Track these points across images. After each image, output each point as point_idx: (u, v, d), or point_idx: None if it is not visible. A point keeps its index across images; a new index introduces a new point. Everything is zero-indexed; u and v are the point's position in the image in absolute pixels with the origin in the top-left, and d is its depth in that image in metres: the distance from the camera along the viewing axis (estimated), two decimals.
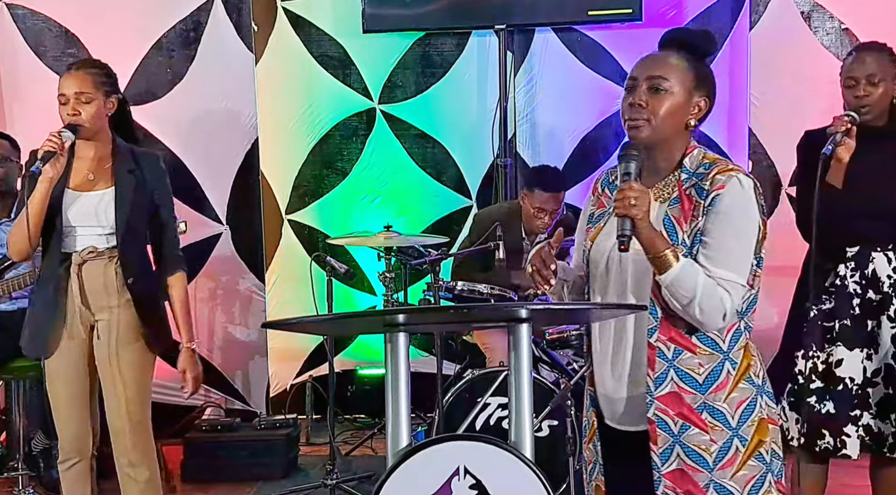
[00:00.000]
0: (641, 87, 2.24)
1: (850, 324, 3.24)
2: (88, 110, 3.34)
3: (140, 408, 3.44)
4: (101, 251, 3.38)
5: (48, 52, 5.48)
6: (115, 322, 3.39)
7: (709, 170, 2.24)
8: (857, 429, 3.22)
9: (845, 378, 3.23)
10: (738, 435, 2.22)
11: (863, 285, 3.25)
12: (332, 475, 4.42)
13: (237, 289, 5.65)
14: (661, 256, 2.13)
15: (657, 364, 2.20)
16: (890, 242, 3.25)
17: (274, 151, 5.64)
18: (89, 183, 3.40)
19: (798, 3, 5.28)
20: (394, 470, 1.84)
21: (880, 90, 3.20)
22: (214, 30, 5.49)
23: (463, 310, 2.07)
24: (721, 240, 2.18)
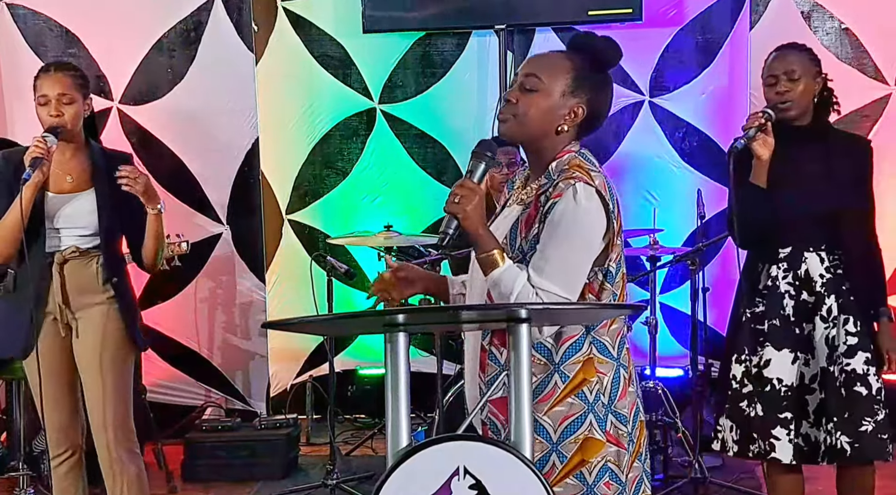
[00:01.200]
0: (517, 83, 2.21)
1: (780, 325, 3.17)
2: (70, 112, 3.36)
3: (122, 406, 3.45)
4: (83, 250, 3.41)
5: (49, 51, 5.48)
6: (95, 320, 3.42)
7: (558, 176, 2.17)
8: (789, 433, 3.14)
9: (773, 379, 3.15)
10: (557, 451, 2.14)
11: (796, 286, 3.18)
12: (333, 475, 4.42)
13: (237, 289, 5.65)
14: (486, 255, 2.12)
15: (488, 367, 2.18)
16: (822, 242, 3.18)
17: (274, 151, 5.64)
18: (68, 184, 3.44)
19: (798, 3, 5.28)
20: (394, 470, 1.84)
21: (800, 87, 3.16)
22: (215, 30, 5.49)
23: (462, 309, 2.07)
24: (549, 249, 2.12)
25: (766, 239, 3.20)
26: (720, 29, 5.43)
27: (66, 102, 3.35)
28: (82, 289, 3.42)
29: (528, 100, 2.19)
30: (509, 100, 2.21)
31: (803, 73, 3.18)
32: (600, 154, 5.53)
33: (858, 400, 3.12)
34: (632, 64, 5.50)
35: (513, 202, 2.29)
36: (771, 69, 3.22)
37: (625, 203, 5.86)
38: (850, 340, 3.16)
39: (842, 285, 3.19)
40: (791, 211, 3.15)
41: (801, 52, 3.25)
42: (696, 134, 5.51)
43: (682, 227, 5.37)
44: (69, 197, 3.42)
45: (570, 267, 2.14)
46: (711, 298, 4.83)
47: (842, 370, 3.14)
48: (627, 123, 5.54)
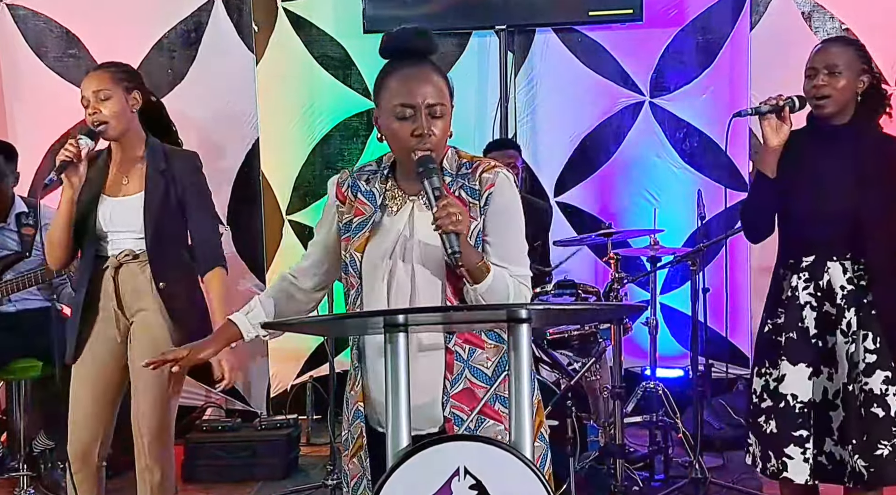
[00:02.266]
0: (422, 115, 2.18)
1: (797, 338, 3.00)
2: (108, 107, 3.25)
3: (161, 414, 3.35)
4: (137, 254, 3.32)
5: (49, 52, 5.49)
6: (147, 325, 3.33)
7: (471, 169, 2.24)
8: (805, 452, 2.98)
9: (787, 395, 3.00)
10: None
11: (817, 297, 3.00)
12: (333, 475, 4.42)
13: (238, 290, 5.64)
14: (481, 264, 2.12)
15: (455, 367, 2.18)
16: (847, 251, 2.98)
17: (275, 151, 5.64)
18: (123, 187, 3.33)
19: (799, 4, 5.28)
20: (394, 471, 1.84)
21: (841, 83, 2.95)
22: (215, 30, 5.49)
23: (463, 310, 2.07)
24: (507, 238, 2.22)
25: (790, 244, 3.05)
26: (721, 29, 5.43)
27: (102, 98, 3.24)
28: (136, 294, 3.32)
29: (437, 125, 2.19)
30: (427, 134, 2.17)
31: (846, 67, 2.96)
32: (601, 154, 5.59)
33: (875, 423, 2.95)
34: (632, 64, 5.51)
35: (412, 206, 2.25)
36: (812, 61, 3.00)
37: (625, 203, 5.93)
38: (869, 358, 2.97)
39: (863, 298, 2.99)
40: (814, 213, 2.99)
41: (846, 46, 3.04)
42: (697, 134, 5.51)
43: (683, 228, 5.37)
44: (122, 200, 3.32)
45: (522, 246, 2.26)
46: (712, 299, 4.83)
47: (861, 389, 2.97)
48: (628, 124, 5.55)
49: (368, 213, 2.27)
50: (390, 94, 2.22)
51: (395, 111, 2.19)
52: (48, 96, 5.48)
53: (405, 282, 2.20)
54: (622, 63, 5.50)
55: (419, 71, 2.22)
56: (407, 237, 2.22)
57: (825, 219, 2.99)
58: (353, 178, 2.34)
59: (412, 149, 2.18)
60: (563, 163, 5.56)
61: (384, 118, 2.24)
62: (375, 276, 2.22)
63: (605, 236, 4.75)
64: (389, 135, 2.24)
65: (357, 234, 2.26)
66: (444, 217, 2.06)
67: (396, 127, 2.20)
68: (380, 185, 2.30)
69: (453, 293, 2.19)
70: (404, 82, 2.21)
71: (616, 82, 5.52)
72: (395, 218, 2.26)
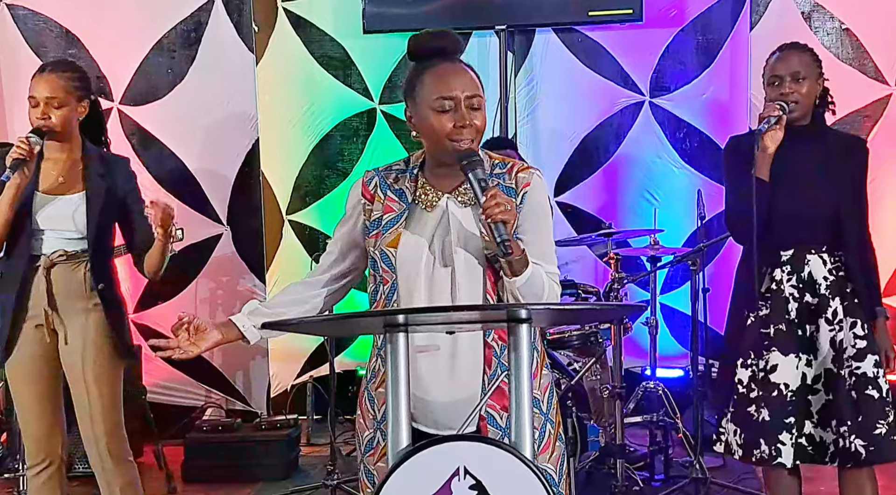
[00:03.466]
0: (463, 107, 2.20)
1: (786, 329, 3.14)
2: (58, 115, 3.30)
3: (113, 414, 3.38)
4: (70, 254, 3.34)
5: (49, 52, 5.48)
6: (84, 327, 3.34)
7: (506, 169, 2.28)
8: (793, 437, 3.11)
9: (780, 384, 3.12)
10: (549, 419, 2.28)
11: (799, 289, 3.15)
12: (333, 475, 4.42)
13: (238, 290, 5.65)
14: (521, 257, 2.13)
15: (493, 362, 2.20)
16: (824, 244, 3.16)
17: (275, 152, 5.64)
18: (60, 186, 3.36)
19: (798, 4, 5.28)
20: (394, 471, 1.84)
21: (805, 88, 3.14)
22: (215, 30, 5.49)
23: (463, 310, 2.07)
24: (541, 236, 2.25)
25: (767, 240, 3.15)
26: (720, 29, 5.43)
27: (55, 106, 3.29)
28: (70, 294, 3.33)
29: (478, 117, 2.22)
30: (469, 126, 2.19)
31: (808, 73, 3.16)
32: (601, 154, 5.59)
33: (870, 404, 3.10)
34: (632, 64, 5.51)
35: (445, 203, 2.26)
36: (774, 69, 3.19)
37: (625, 203, 5.93)
38: (859, 343, 3.13)
39: (846, 287, 3.17)
40: (792, 210, 3.14)
41: (804, 53, 3.23)
42: (697, 134, 5.51)
43: (683, 228, 5.37)
44: (59, 199, 3.34)
45: (553, 245, 2.31)
46: (712, 299, 4.82)
47: (851, 373, 3.12)
48: (628, 124, 5.55)
49: (399, 210, 2.28)
50: (428, 89, 2.23)
51: (434, 104, 2.21)
52: None
53: (444, 278, 2.21)
54: (622, 63, 5.50)
55: (454, 65, 2.27)
56: (444, 232, 2.23)
57: (802, 216, 3.16)
58: (380, 177, 2.35)
59: (453, 141, 2.19)
60: (563, 163, 5.56)
61: (422, 113, 2.24)
62: (412, 272, 2.22)
63: (606, 236, 4.75)
64: (428, 130, 2.23)
65: (388, 230, 2.27)
66: (492, 206, 2.07)
67: (437, 120, 2.21)
68: (409, 184, 2.30)
69: (493, 287, 2.20)
70: (442, 76, 2.23)
71: (616, 82, 5.52)
72: (429, 214, 2.26)
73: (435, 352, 2.21)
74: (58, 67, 3.41)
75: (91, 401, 3.34)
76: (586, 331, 4.43)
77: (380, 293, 2.27)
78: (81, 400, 3.36)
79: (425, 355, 2.21)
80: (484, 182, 2.13)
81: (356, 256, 2.37)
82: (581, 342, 4.45)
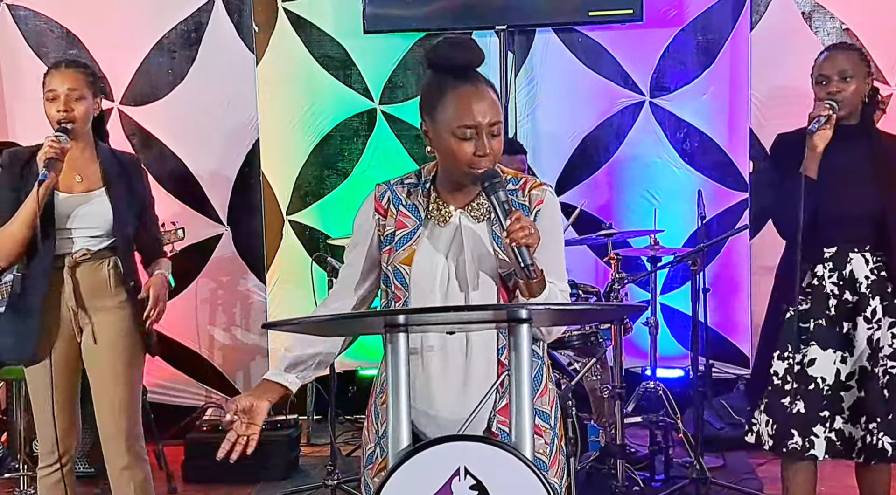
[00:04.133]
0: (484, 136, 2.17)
1: (825, 325, 3.20)
2: (80, 108, 3.30)
3: (133, 412, 3.40)
4: (94, 252, 3.35)
5: (49, 52, 5.48)
6: (109, 324, 3.36)
7: (519, 185, 2.26)
8: (825, 431, 3.18)
9: (817, 378, 3.19)
10: (556, 433, 2.28)
11: (840, 286, 3.21)
12: (334, 475, 4.42)
13: (238, 290, 5.65)
14: (540, 279, 2.12)
15: (506, 381, 2.14)
16: (868, 243, 3.21)
17: (275, 152, 5.64)
18: (79, 185, 3.36)
19: (799, 4, 5.28)
20: (394, 471, 1.84)
21: (852, 87, 3.18)
22: (215, 30, 5.49)
23: (463, 310, 2.07)
24: (553, 253, 2.23)
25: (811, 236, 3.18)
26: (721, 29, 5.43)
27: (75, 98, 3.29)
28: (95, 292, 3.35)
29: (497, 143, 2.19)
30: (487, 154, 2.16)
31: (855, 72, 3.19)
32: (601, 154, 5.59)
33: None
34: (632, 64, 5.50)
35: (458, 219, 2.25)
36: (822, 69, 3.23)
37: (625, 203, 5.92)
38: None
39: (886, 287, 3.21)
40: (837, 209, 3.17)
41: (851, 52, 3.26)
42: (697, 134, 5.51)
43: (683, 228, 5.37)
44: (81, 197, 3.35)
45: (564, 262, 2.30)
46: (712, 299, 4.83)
47: (886, 371, 3.18)
48: (628, 124, 5.55)
49: (412, 226, 2.26)
50: (450, 114, 2.19)
51: (457, 132, 2.17)
52: None
53: (458, 296, 2.21)
54: (622, 63, 5.50)
55: (476, 89, 2.20)
56: (458, 249, 2.22)
57: (846, 215, 3.20)
58: (392, 191, 2.32)
59: (472, 166, 2.18)
60: (563, 164, 5.56)
61: (442, 136, 2.21)
62: (427, 290, 2.21)
63: (606, 236, 4.75)
64: (447, 153, 2.21)
65: (401, 247, 2.25)
66: (517, 230, 2.06)
67: (457, 146, 2.18)
68: (422, 199, 2.28)
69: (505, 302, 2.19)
70: (465, 102, 2.18)
71: (616, 82, 5.52)
72: (442, 230, 2.25)
73: (448, 372, 2.20)
74: (74, 64, 3.43)
75: (113, 398, 3.35)
76: (587, 332, 4.43)
77: None
78: (103, 397, 3.37)
79: (438, 376, 2.21)
80: (507, 205, 2.12)
81: (377, 275, 2.34)
82: (581, 342, 4.45)
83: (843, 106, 3.17)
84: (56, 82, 3.30)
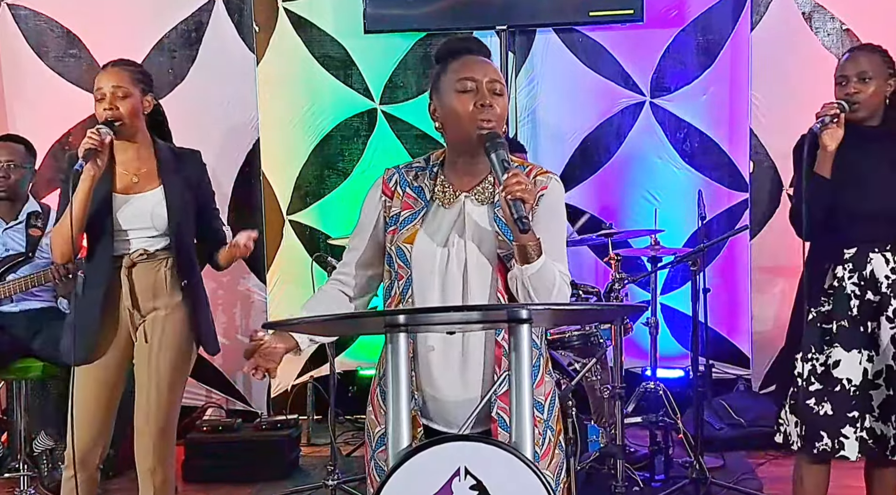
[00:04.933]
0: (485, 88, 2.23)
1: (848, 326, 3.20)
2: (125, 106, 3.29)
3: (169, 413, 3.39)
4: (151, 253, 3.35)
5: (50, 52, 5.49)
6: (162, 323, 3.36)
7: (525, 172, 2.26)
8: (856, 431, 3.19)
9: (843, 379, 3.18)
10: (550, 426, 2.29)
11: (861, 286, 3.21)
12: (334, 475, 4.42)
13: (238, 290, 5.65)
14: (533, 245, 2.13)
15: (503, 362, 2.19)
16: (888, 243, 3.21)
17: (275, 152, 5.64)
18: (136, 185, 3.36)
19: (799, 4, 5.28)
20: (394, 471, 1.84)
21: (871, 88, 3.18)
22: (216, 30, 5.49)
23: (463, 310, 2.07)
24: (553, 236, 2.24)
25: (831, 236, 3.20)
26: (721, 30, 5.43)
27: (121, 96, 3.29)
28: (151, 293, 3.35)
29: (500, 102, 2.25)
30: (490, 105, 2.21)
31: (875, 74, 3.19)
32: (601, 154, 5.58)
33: None
34: (633, 65, 5.51)
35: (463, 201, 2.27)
36: (843, 69, 3.23)
37: (626, 203, 5.92)
38: None
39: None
40: (856, 209, 3.18)
41: (873, 53, 3.25)
42: (697, 135, 5.51)
43: (683, 228, 5.37)
44: (136, 198, 3.35)
45: (564, 247, 2.31)
46: (712, 299, 4.83)
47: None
48: (629, 124, 5.55)
49: (417, 207, 2.29)
50: (451, 76, 2.26)
51: (457, 86, 2.23)
52: (49, 96, 5.49)
53: (457, 274, 2.23)
54: (623, 63, 5.50)
55: (478, 56, 2.29)
56: (460, 231, 2.25)
57: (866, 215, 3.20)
58: (400, 174, 2.35)
59: (475, 121, 2.20)
60: (563, 164, 5.56)
61: (445, 99, 2.26)
62: (427, 268, 2.24)
63: (606, 236, 4.75)
64: (451, 113, 2.25)
65: (405, 227, 2.28)
66: (513, 184, 2.08)
67: (458, 100, 2.23)
68: (429, 181, 2.32)
69: (503, 284, 2.21)
70: (465, 62, 2.27)
71: (617, 82, 5.52)
72: (446, 212, 2.28)
73: (448, 351, 2.22)
74: (120, 62, 3.43)
75: (151, 397, 3.34)
76: (587, 332, 4.43)
77: (394, 288, 2.28)
78: (143, 396, 3.36)
79: (438, 354, 2.23)
80: (506, 162, 2.14)
81: (378, 257, 2.37)
82: (581, 342, 4.45)
83: (861, 107, 3.17)
84: (102, 81, 3.32)
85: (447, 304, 2.20)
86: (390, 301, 2.29)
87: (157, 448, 3.37)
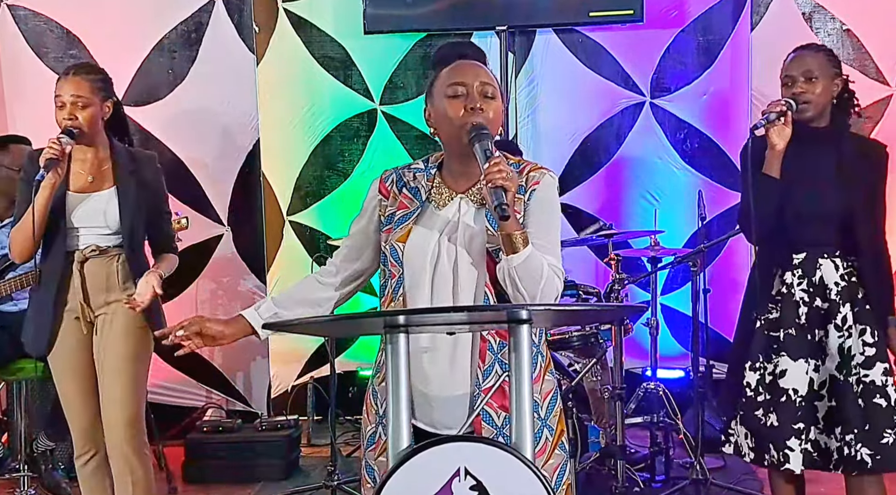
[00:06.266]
0: (475, 92, 2.25)
1: (795, 334, 3.13)
2: (85, 115, 3.38)
3: (136, 405, 3.48)
4: (103, 249, 3.45)
5: (49, 52, 5.49)
6: (115, 319, 3.45)
7: (519, 169, 2.30)
8: (801, 443, 3.10)
9: (788, 389, 3.11)
10: (547, 425, 2.29)
11: (810, 293, 3.13)
12: (334, 476, 4.42)
13: (238, 291, 5.65)
14: (519, 233, 2.14)
15: (487, 356, 2.21)
16: (837, 248, 3.14)
17: (275, 152, 5.64)
18: (90, 185, 3.47)
19: (799, 4, 5.28)
20: (394, 472, 1.84)
21: (818, 88, 3.12)
22: (216, 31, 5.49)
23: (464, 310, 2.07)
24: (545, 229, 2.26)
25: (779, 242, 3.15)
26: (721, 30, 5.43)
27: (81, 106, 3.37)
28: (103, 287, 3.46)
29: (490, 106, 2.26)
30: (480, 109, 2.23)
31: (821, 74, 3.14)
32: (601, 155, 5.58)
33: (878, 412, 3.07)
34: (633, 65, 5.50)
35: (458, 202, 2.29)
36: (788, 69, 3.18)
37: (626, 204, 5.92)
38: (868, 351, 3.10)
39: (857, 293, 3.14)
40: (804, 212, 3.12)
41: (818, 53, 3.20)
42: (697, 135, 5.51)
43: (684, 228, 5.37)
44: (89, 196, 3.45)
45: (557, 241, 2.31)
46: (712, 299, 4.82)
47: (859, 380, 3.09)
48: (628, 124, 5.55)
49: (412, 207, 2.31)
50: (442, 80, 2.28)
51: (447, 91, 2.25)
52: (49, 96, 5.45)
53: (447, 273, 2.24)
54: (623, 64, 5.50)
55: (471, 61, 2.31)
56: (453, 230, 2.26)
57: (815, 218, 3.14)
58: (397, 175, 2.38)
59: (465, 125, 2.21)
60: (563, 164, 5.56)
61: (437, 104, 2.28)
62: (418, 267, 2.26)
63: (606, 237, 4.75)
64: (442, 118, 2.27)
65: (400, 226, 2.30)
66: (493, 172, 2.09)
67: (449, 105, 2.25)
68: (426, 183, 2.33)
69: (491, 282, 2.22)
70: (456, 67, 2.29)
71: (617, 83, 5.52)
72: (440, 212, 2.30)
73: (437, 344, 2.23)
74: (81, 70, 3.49)
75: (115, 388, 3.43)
76: (587, 332, 4.42)
77: (388, 287, 2.30)
78: (107, 389, 3.45)
79: (428, 348, 2.23)
80: (489, 151, 2.15)
81: (370, 255, 2.40)
82: (582, 343, 4.45)
83: (809, 107, 3.12)
84: (62, 89, 3.40)
85: (437, 301, 2.22)
86: (384, 299, 2.31)
87: (130, 439, 3.44)
